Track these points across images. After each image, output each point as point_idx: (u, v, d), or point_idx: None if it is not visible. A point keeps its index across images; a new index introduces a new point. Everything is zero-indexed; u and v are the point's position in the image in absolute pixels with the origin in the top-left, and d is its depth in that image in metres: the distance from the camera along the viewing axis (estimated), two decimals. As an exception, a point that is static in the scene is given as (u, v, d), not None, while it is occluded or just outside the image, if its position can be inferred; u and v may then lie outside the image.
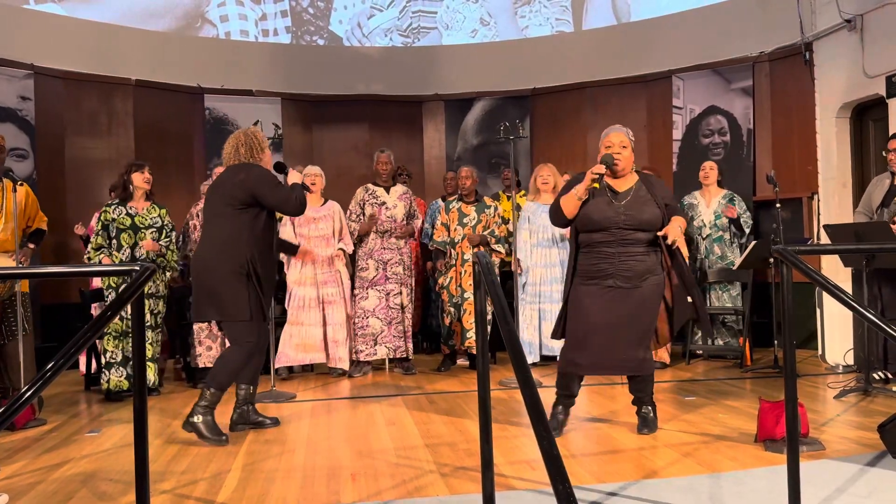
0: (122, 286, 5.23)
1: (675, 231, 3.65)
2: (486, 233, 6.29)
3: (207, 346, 5.74)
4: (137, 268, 2.26)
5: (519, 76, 8.69)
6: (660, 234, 3.68)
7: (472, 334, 6.12)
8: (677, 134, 7.97)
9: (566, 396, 3.89)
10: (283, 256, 5.91)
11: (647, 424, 3.87)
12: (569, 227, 3.95)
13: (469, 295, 6.16)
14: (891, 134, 5.52)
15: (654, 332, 3.84)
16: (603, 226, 3.72)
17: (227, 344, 4.26)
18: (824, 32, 6.78)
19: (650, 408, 3.93)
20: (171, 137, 8.01)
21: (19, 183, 4.83)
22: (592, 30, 8.64)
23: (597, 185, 3.74)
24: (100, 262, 5.23)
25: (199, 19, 8.38)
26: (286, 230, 5.93)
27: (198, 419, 3.88)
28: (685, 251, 6.14)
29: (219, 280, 4.00)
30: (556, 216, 3.88)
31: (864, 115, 6.73)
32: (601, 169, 3.69)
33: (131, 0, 7.93)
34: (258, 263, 4.03)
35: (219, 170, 5.02)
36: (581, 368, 3.81)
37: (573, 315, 3.80)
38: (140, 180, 5.35)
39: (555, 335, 3.95)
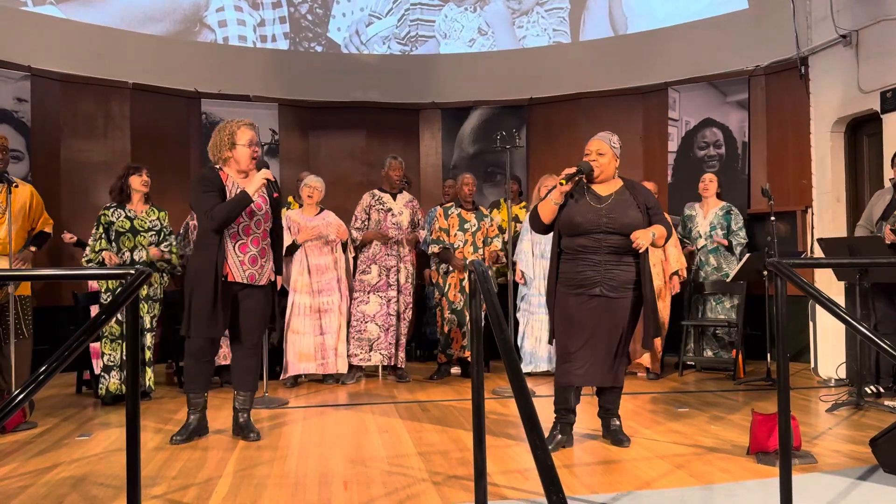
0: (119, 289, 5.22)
1: (644, 236, 3.64)
2: (498, 250, 6.31)
3: None
4: (133, 271, 2.25)
5: (516, 86, 8.72)
6: (632, 237, 3.66)
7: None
8: (673, 146, 8.00)
9: (565, 411, 3.83)
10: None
11: (623, 436, 3.88)
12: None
13: None
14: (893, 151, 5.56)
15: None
16: (586, 229, 3.73)
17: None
18: (820, 47, 6.82)
19: (619, 420, 3.95)
20: (168, 142, 8.00)
21: (19, 182, 4.82)
22: (590, 41, 8.68)
23: (565, 182, 3.71)
24: (102, 261, 5.18)
25: (197, 24, 8.38)
26: (287, 237, 5.90)
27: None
28: (675, 264, 6.17)
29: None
30: (535, 222, 3.92)
31: (859, 129, 6.77)
32: (571, 169, 3.75)
33: (130, 3, 7.93)
34: (199, 274, 3.98)
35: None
36: (575, 378, 3.79)
37: (562, 327, 3.79)
38: (138, 183, 5.33)
39: (551, 340, 3.95)
